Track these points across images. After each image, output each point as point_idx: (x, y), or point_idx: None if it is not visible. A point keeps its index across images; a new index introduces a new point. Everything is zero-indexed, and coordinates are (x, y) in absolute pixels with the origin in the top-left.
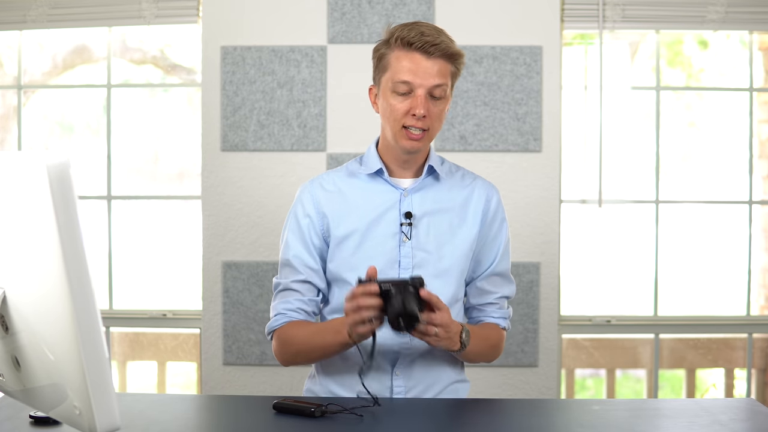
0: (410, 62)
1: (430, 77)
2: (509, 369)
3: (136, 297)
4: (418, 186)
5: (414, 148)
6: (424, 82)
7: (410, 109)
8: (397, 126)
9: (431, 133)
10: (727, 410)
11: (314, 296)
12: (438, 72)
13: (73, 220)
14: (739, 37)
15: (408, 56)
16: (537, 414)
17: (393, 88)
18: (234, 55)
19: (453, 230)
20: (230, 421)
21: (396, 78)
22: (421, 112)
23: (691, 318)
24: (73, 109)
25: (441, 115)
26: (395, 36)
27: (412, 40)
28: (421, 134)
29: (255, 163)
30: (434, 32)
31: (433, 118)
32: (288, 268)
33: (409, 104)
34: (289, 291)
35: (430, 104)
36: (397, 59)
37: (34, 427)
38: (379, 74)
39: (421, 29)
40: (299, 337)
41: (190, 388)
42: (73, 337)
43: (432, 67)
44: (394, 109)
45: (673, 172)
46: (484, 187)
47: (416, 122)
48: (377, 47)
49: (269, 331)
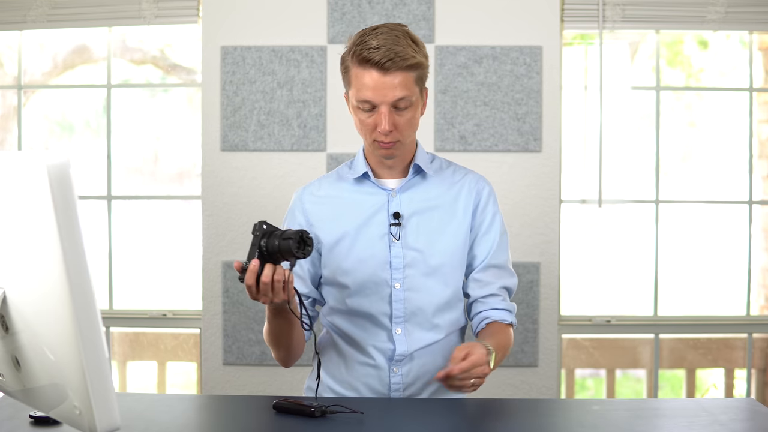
0: (369, 79)
1: (390, 92)
2: (509, 369)
3: (136, 297)
4: (405, 186)
5: (389, 156)
6: (385, 99)
7: (376, 125)
8: (369, 139)
9: (404, 140)
10: (727, 410)
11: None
12: (399, 84)
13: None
14: (739, 37)
15: (366, 74)
16: (537, 414)
17: (357, 105)
18: (234, 55)
19: (443, 227)
20: (230, 421)
21: (359, 96)
22: (386, 128)
23: (691, 318)
24: (73, 109)
25: (411, 122)
26: (352, 51)
27: (367, 57)
28: (391, 144)
29: (255, 163)
30: (389, 42)
31: (402, 128)
32: None
33: (374, 120)
34: None
35: (396, 117)
36: (356, 77)
37: (34, 427)
38: (346, 85)
39: (375, 42)
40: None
41: (190, 388)
42: (73, 337)
43: (391, 81)
44: (363, 123)
45: (673, 172)
46: (475, 180)
47: (384, 137)
48: (342, 57)
49: None
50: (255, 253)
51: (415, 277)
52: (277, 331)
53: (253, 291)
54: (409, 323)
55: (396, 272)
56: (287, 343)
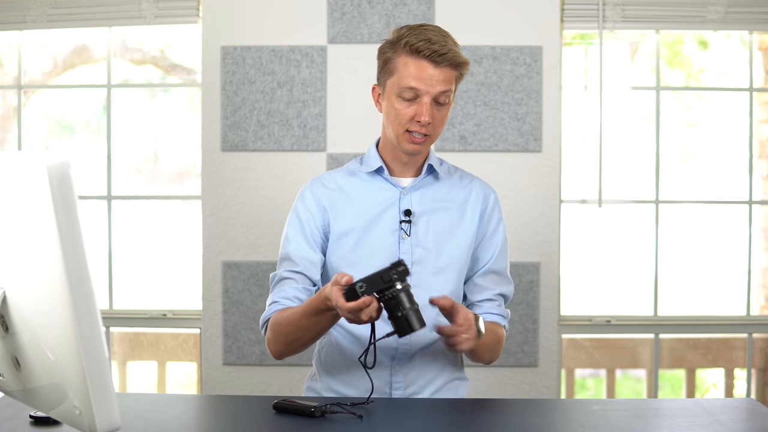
0: (418, 69)
1: (437, 84)
2: (509, 369)
3: (136, 297)
4: (417, 184)
5: (416, 151)
6: (431, 90)
7: (416, 115)
8: (401, 129)
9: (433, 137)
10: (727, 410)
11: (310, 285)
12: (444, 79)
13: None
14: (739, 37)
15: (415, 63)
16: (537, 414)
17: (399, 93)
18: (234, 55)
19: (452, 228)
20: (230, 421)
21: (402, 84)
22: (427, 120)
23: (691, 318)
24: (73, 109)
25: (444, 120)
26: (403, 41)
27: (421, 48)
28: (423, 138)
29: (255, 163)
30: (441, 39)
31: (437, 123)
32: (286, 262)
33: (415, 110)
34: (284, 281)
35: (435, 110)
36: (404, 65)
37: (34, 427)
38: (384, 76)
39: (428, 35)
40: (286, 318)
41: (190, 388)
42: (73, 337)
43: (439, 75)
44: (400, 113)
45: (673, 172)
46: (482, 186)
47: (420, 128)
48: (383, 49)
49: (263, 323)
50: (378, 287)
51: (422, 274)
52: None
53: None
54: None
55: None
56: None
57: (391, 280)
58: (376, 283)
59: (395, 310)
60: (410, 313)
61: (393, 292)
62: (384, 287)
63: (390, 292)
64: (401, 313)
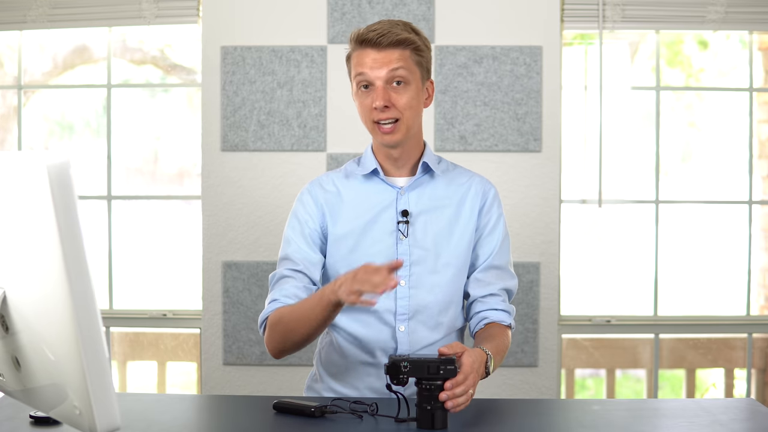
0: (363, 57)
1: (383, 66)
2: (509, 369)
3: (136, 297)
4: (413, 184)
5: (390, 141)
6: (379, 73)
7: (372, 102)
8: (370, 123)
9: (405, 122)
10: (727, 410)
11: (310, 284)
12: (389, 60)
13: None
14: (739, 37)
15: (361, 52)
16: (537, 414)
17: (356, 87)
18: (234, 55)
19: (450, 227)
20: (230, 421)
21: (354, 74)
22: (380, 103)
23: (691, 318)
24: (73, 109)
25: (411, 103)
26: (352, 39)
27: (363, 36)
28: (391, 126)
29: (255, 163)
30: (386, 26)
31: (400, 106)
32: (286, 261)
33: (371, 99)
34: (284, 279)
35: (392, 93)
36: (356, 58)
37: (34, 427)
38: (351, 79)
39: (373, 26)
40: (285, 314)
41: (190, 388)
42: (73, 337)
43: (384, 57)
44: (361, 106)
45: (673, 172)
46: (481, 183)
47: (381, 114)
48: (347, 54)
49: (261, 321)
50: (421, 374)
51: (421, 275)
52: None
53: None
54: (413, 321)
55: (402, 269)
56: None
57: (436, 374)
58: (421, 370)
59: (426, 401)
60: (438, 412)
61: (432, 385)
62: (427, 377)
63: (430, 383)
64: (430, 407)
